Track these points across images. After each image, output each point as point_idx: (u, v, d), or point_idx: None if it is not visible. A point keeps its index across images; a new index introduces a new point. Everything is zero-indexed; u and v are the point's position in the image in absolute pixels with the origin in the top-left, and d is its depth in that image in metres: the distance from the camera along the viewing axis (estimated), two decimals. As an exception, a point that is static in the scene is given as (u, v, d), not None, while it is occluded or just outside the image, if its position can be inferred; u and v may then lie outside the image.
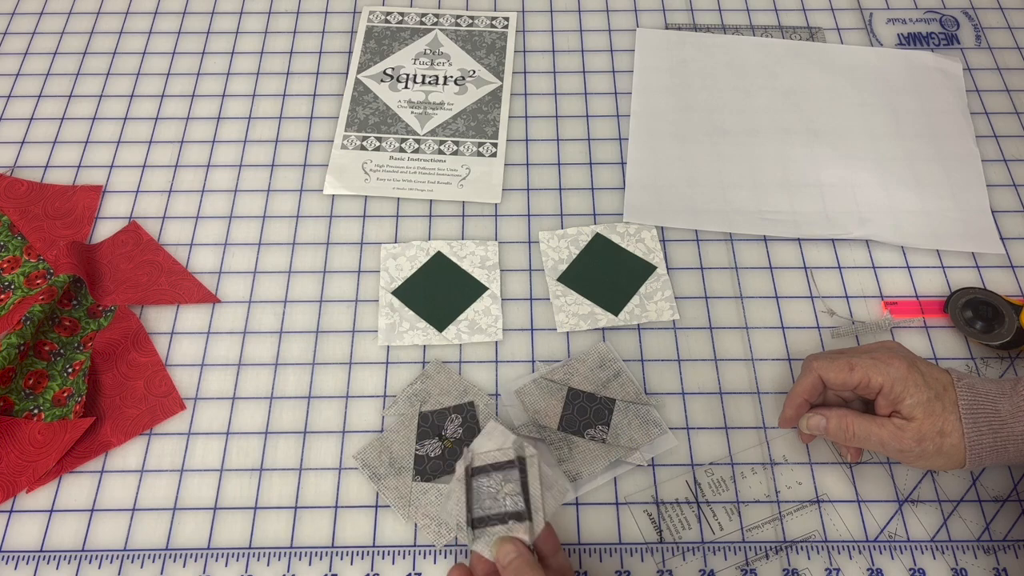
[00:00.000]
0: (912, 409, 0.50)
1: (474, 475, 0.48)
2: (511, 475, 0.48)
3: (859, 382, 0.52)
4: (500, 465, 0.48)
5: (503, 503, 0.47)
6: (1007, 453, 0.49)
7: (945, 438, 0.49)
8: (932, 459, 0.50)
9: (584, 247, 0.66)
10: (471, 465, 0.48)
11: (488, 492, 0.47)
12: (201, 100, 0.75)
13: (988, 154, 0.71)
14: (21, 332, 0.59)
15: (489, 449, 0.49)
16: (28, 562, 0.54)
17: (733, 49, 0.77)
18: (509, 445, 0.49)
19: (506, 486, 0.47)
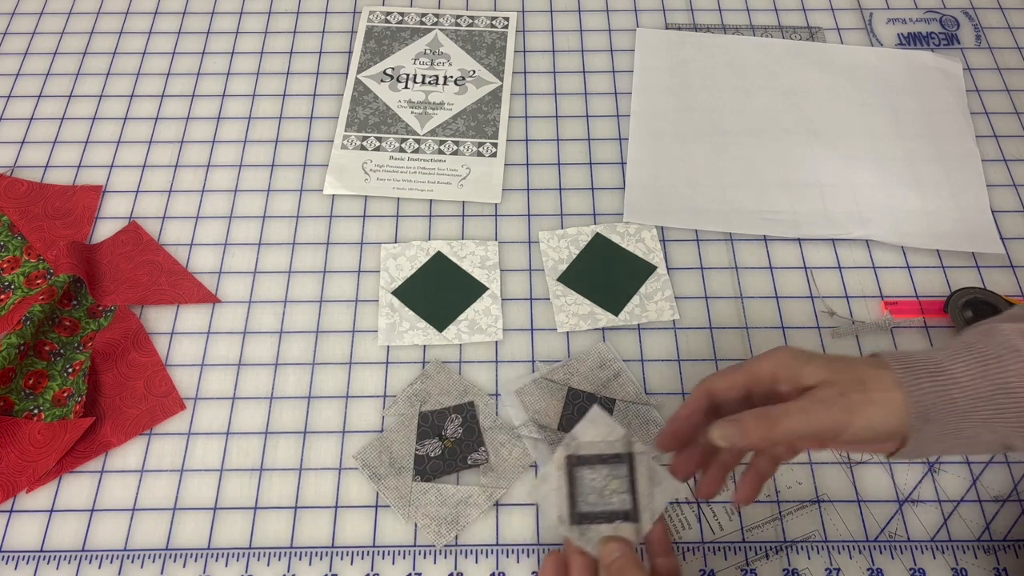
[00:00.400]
0: (816, 372, 0.43)
1: (577, 465, 0.45)
2: (618, 471, 0.45)
3: (747, 377, 0.45)
4: (606, 458, 0.45)
5: (610, 500, 0.44)
6: (955, 405, 0.42)
7: (867, 384, 0.42)
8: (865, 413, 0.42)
9: (584, 247, 0.66)
10: (575, 454, 0.45)
11: (593, 487, 0.45)
12: (201, 100, 0.75)
13: (988, 154, 0.71)
14: (21, 332, 0.59)
15: (594, 439, 0.46)
16: (28, 562, 0.54)
17: (733, 49, 0.77)
18: (616, 437, 0.46)
19: (613, 483, 0.45)
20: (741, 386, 0.45)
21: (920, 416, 0.42)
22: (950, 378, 0.42)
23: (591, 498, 0.44)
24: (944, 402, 0.42)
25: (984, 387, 0.42)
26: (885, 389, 0.42)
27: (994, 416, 0.42)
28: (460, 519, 0.55)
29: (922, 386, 0.42)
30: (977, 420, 0.42)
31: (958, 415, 0.42)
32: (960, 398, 0.42)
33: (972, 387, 0.42)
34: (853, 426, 0.42)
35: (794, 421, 0.42)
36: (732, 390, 0.45)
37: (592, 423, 0.46)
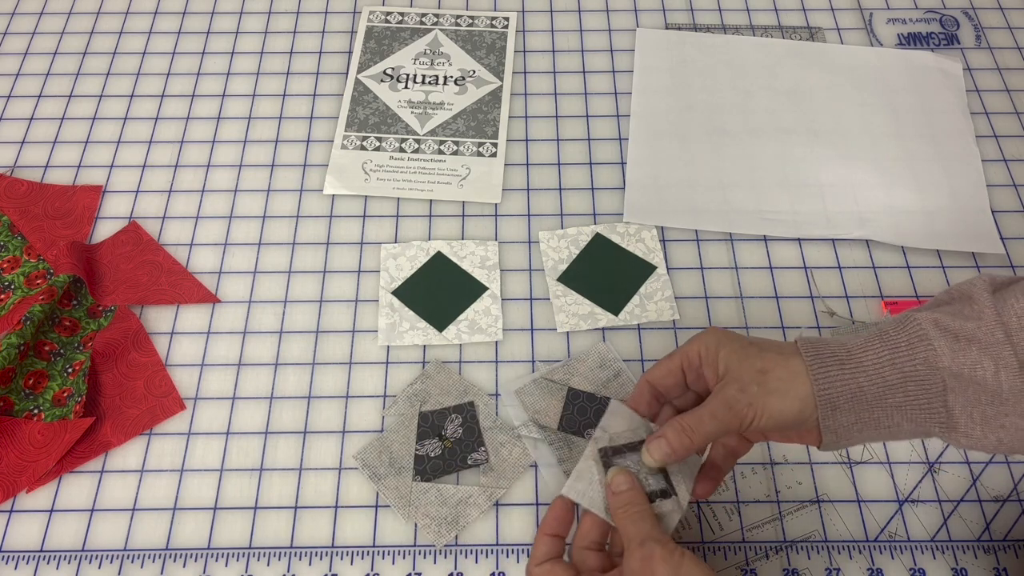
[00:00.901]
0: (726, 358, 0.44)
1: (612, 456, 0.46)
2: None
3: (680, 360, 0.47)
4: (635, 445, 0.47)
5: (647, 482, 0.46)
6: (863, 393, 0.42)
7: (768, 375, 0.43)
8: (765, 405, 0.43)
9: (584, 247, 0.66)
10: (608, 446, 0.47)
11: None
12: (201, 100, 0.75)
13: (988, 154, 0.71)
14: (21, 332, 0.59)
15: (622, 430, 0.48)
16: (28, 562, 0.54)
17: (733, 49, 0.77)
18: (637, 425, 0.48)
19: (644, 467, 0.46)
20: (677, 370, 0.47)
21: (828, 404, 0.43)
22: (858, 366, 0.43)
23: None
24: (852, 390, 0.43)
25: (892, 375, 0.42)
26: (786, 378, 0.43)
27: (905, 404, 0.42)
28: (460, 519, 0.55)
29: (829, 374, 0.43)
30: (890, 408, 0.43)
31: (868, 403, 0.43)
32: (868, 386, 0.43)
33: (880, 375, 0.43)
34: (757, 419, 0.43)
35: (707, 427, 0.44)
36: (669, 376, 0.48)
37: (615, 415, 0.48)
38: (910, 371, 0.42)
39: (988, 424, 0.41)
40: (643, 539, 0.42)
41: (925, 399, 0.42)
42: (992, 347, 0.41)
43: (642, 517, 0.43)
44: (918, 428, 0.43)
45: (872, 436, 0.44)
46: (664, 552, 0.41)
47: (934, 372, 0.42)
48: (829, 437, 0.44)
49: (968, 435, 0.42)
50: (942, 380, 0.42)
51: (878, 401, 0.43)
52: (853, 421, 0.43)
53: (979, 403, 0.41)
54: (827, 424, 0.43)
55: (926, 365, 0.42)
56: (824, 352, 0.44)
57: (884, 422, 0.43)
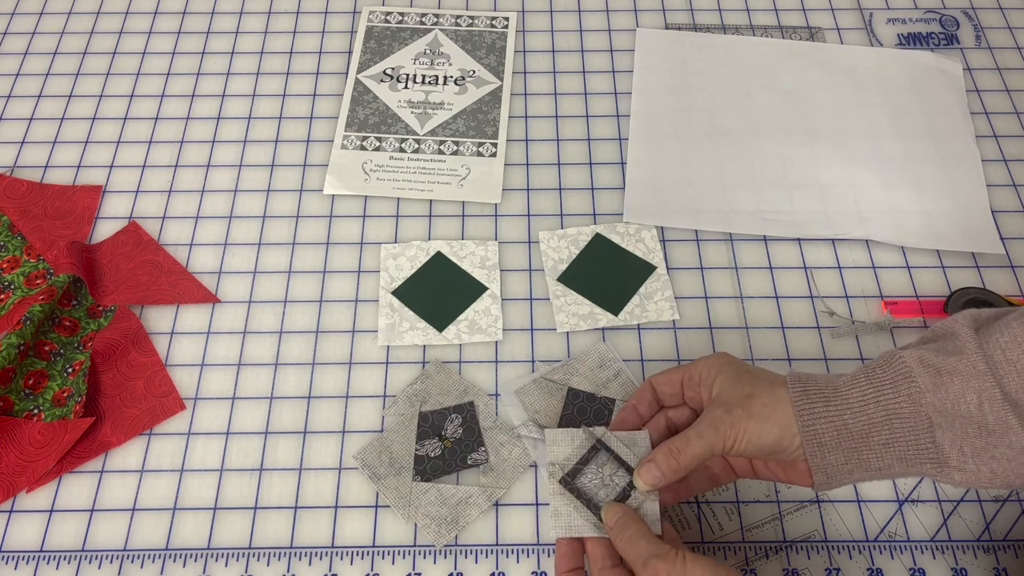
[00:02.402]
0: (721, 384, 0.47)
1: (573, 480, 0.49)
2: (601, 459, 0.50)
3: (682, 376, 0.49)
4: (586, 459, 0.50)
5: (615, 482, 0.49)
6: (848, 431, 0.43)
7: (753, 400, 0.45)
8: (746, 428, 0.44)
9: (584, 247, 0.66)
10: (564, 475, 0.50)
11: (596, 485, 0.49)
12: (201, 100, 0.75)
13: (988, 154, 0.71)
14: (21, 332, 0.59)
15: (568, 454, 0.50)
16: (28, 562, 0.54)
17: (733, 49, 0.77)
18: (581, 439, 0.51)
19: (606, 468, 0.50)
20: (677, 383, 0.50)
21: (815, 441, 0.44)
22: (843, 403, 0.44)
23: (601, 493, 0.49)
24: (837, 427, 0.44)
25: (877, 412, 0.43)
26: (769, 405, 0.45)
27: (892, 442, 0.43)
28: (460, 519, 0.55)
29: (814, 408, 0.44)
30: (878, 447, 0.43)
31: (854, 441, 0.43)
32: (852, 423, 0.43)
33: (864, 413, 0.43)
34: (738, 442, 0.45)
35: (694, 447, 0.46)
36: (670, 385, 0.50)
37: (555, 444, 0.51)
38: (894, 408, 0.43)
39: (980, 456, 0.42)
40: (645, 560, 0.43)
41: (912, 436, 0.43)
42: (974, 379, 0.41)
43: (637, 539, 0.44)
44: (910, 468, 0.43)
45: (864, 477, 0.45)
46: (666, 565, 0.42)
47: (919, 409, 0.42)
48: (820, 477, 0.45)
49: (962, 469, 0.42)
50: (927, 417, 0.42)
51: (864, 440, 0.43)
52: (843, 461, 0.44)
53: (968, 436, 0.42)
54: (816, 463, 0.44)
55: (910, 402, 0.42)
56: (811, 388, 0.45)
57: (874, 463, 0.44)
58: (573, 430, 0.51)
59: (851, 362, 0.61)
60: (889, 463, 0.43)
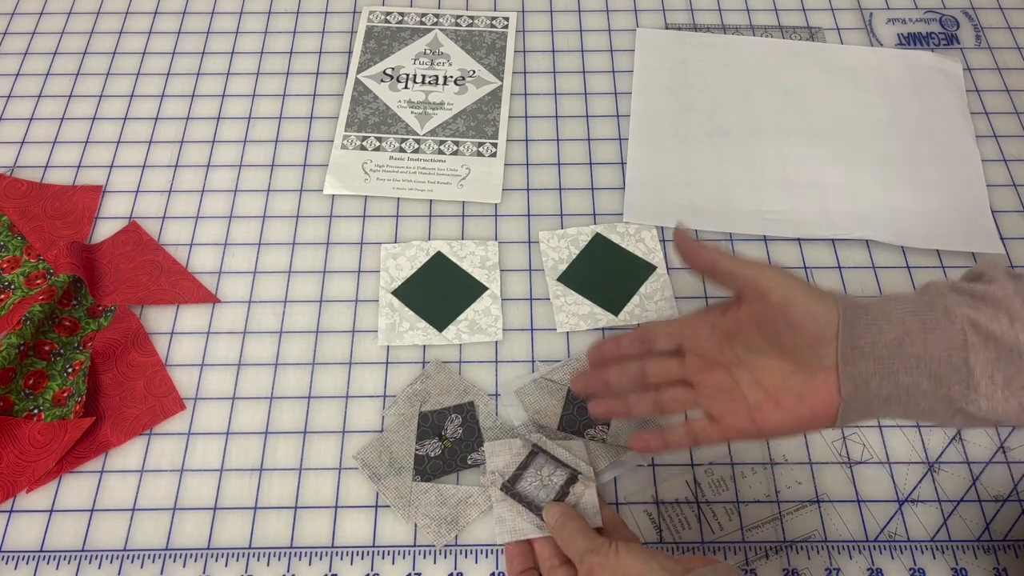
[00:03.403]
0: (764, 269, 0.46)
1: (513, 486, 0.52)
2: (539, 462, 0.53)
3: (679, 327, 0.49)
4: (524, 464, 0.53)
5: (553, 482, 0.52)
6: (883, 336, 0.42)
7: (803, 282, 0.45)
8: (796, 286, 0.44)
9: (584, 247, 0.66)
10: (504, 482, 0.52)
11: (536, 487, 0.52)
12: (201, 100, 0.75)
13: (988, 154, 0.71)
14: (21, 332, 0.59)
15: (506, 462, 0.53)
16: (28, 562, 0.54)
17: (733, 49, 0.77)
18: (519, 447, 0.54)
19: (544, 470, 0.53)
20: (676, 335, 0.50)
21: (850, 342, 0.43)
22: (881, 312, 0.43)
23: (541, 494, 0.51)
24: (873, 332, 0.43)
25: (914, 324, 0.43)
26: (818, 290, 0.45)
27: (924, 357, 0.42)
28: (460, 519, 0.55)
29: (856, 313, 0.43)
30: (909, 360, 0.42)
31: (887, 349, 0.43)
32: (888, 330, 0.43)
33: (902, 323, 0.43)
34: (781, 285, 0.44)
35: (735, 258, 0.46)
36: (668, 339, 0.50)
37: (494, 455, 0.54)
38: (931, 323, 0.42)
39: (1010, 386, 0.41)
40: (581, 556, 0.45)
41: (946, 353, 0.42)
42: (1005, 302, 0.42)
43: (575, 535, 0.46)
44: (939, 389, 0.42)
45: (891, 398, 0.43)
46: (600, 560, 0.44)
47: (953, 323, 0.42)
48: (848, 386, 0.43)
49: (990, 398, 0.42)
50: (962, 333, 0.42)
51: (897, 350, 0.42)
52: (872, 372, 0.43)
53: (999, 361, 0.41)
54: (847, 370, 0.43)
55: (946, 316, 0.42)
56: (851, 298, 0.44)
57: (903, 378, 0.43)
58: (510, 440, 0.55)
59: (851, 362, 0.61)
60: (918, 380, 0.42)
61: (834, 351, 0.43)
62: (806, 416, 0.44)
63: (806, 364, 0.44)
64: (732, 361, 0.47)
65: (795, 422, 0.45)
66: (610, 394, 0.51)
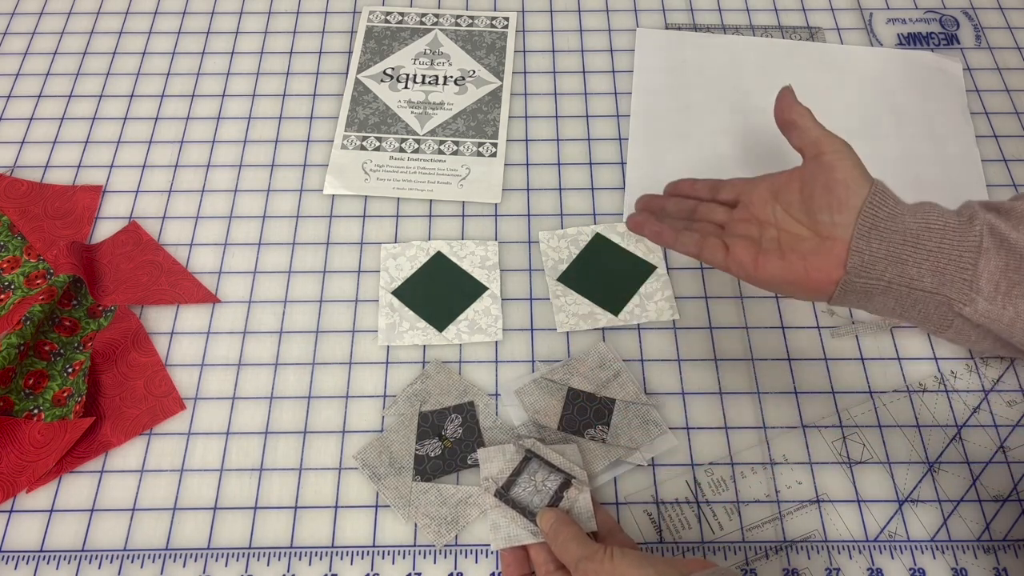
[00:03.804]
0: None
1: (507, 492, 0.52)
2: (533, 467, 0.53)
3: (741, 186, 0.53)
4: (517, 470, 0.53)
5: (547, 487, 0.52)
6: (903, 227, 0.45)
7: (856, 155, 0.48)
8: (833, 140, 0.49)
9: (584, 247, 0.66)
10: (497, 488, 0.52)
11: (530, 492, 0.52)
12: (201, 100, 0.75)
13: (988, 154, 0.71)
14: (21, 332, 0.59)
15: (500, 468, 0.53)
16: (28, 562, 0.54)
17: (733, 49, 0.77)
18: (512, 453, 0.54)
19: (537, 475, 0.52)
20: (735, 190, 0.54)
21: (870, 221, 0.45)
22: (909, 206, 0.46)
23: (535, 499, 0.51)
24: (895, 219, 0.45)
25: (936, 221, 0.45)
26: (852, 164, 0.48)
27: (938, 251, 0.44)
28: (460, 519, 0.55)
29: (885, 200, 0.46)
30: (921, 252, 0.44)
31: (904, 236, 0.44)
32: (910, 220, 0.45)
33: (925, 219, 0.45)
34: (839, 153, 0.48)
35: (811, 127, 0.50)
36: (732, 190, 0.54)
37: (488, 461, 0.54)
38: (954, 223, 0.44)
39: (1009, 295, 0.43)
40: (576, 562, 0.45)
41: (957, 252, 0.44)
42: None
43: (569, 542, 0.46)
44: (939, 286, 0.44)
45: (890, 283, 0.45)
46: (595, 567, 0.44)
47: (972, 227, 0.44)
48: (855, 259, 0.45)
49: (990, 300, 0.43)
50: (980, 235, 0.43)
51: (914, 240, 0.44)
52: (883, 253, 0.44)
53: (1007, 270, 0.43)
54: (858, 245, 0.45)
55: (969, 220, 0.44)
56: (889, 190, 0.47)
57: (910, 268, 0.44)
58: (504, 446, 0.54)
59: (851, 362, 0.61)
60: (922, 273, 0.44)
61: (852, 223, 0.45)
62: (801, 274, 0.47)
63: (824, 230, 0.46)
64: (767, 219, 0.50)
65: (790, 276, 0.47)
66: (657, 217, 0.56)
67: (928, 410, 0.59)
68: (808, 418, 0.59)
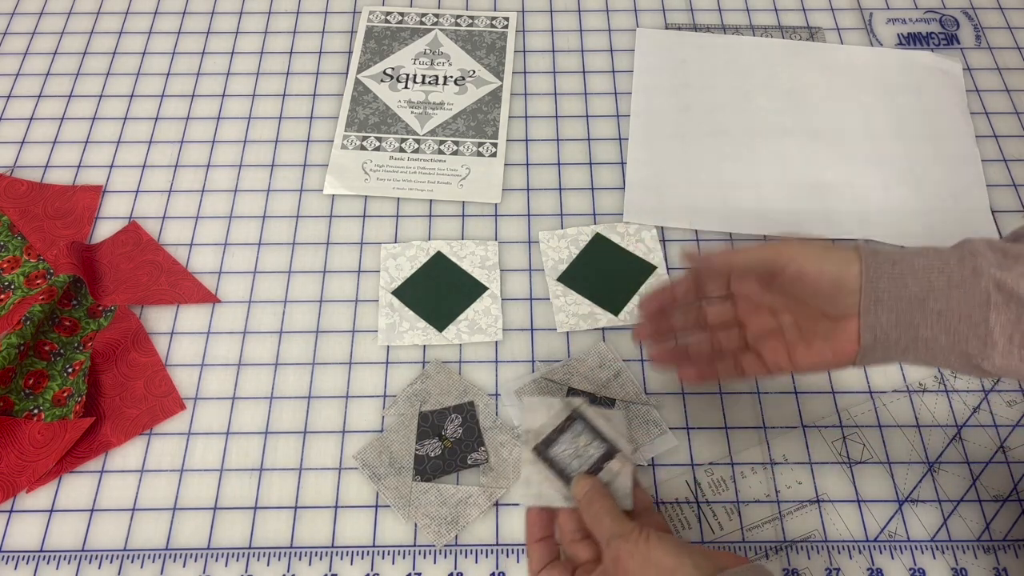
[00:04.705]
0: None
1: (546, 449, 0.48)
2: (577, 428, 0.49)
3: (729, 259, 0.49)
4: (561, 428, 0.49)
5: (589, 453, 0.48)
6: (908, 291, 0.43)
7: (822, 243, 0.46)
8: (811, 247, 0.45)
9: (584, 247, 0.66)
10: (537, 443, 0.49)
11: (569, 455, 0.48)
12: (201, 100, 0.75)
13: (988, 154, 0.71)
14: (21, 332, 0.59)
15: (543, 422, 0.49)
16: (28, 562, 0.54)
17: (733, 49, 0.77)
18: (558, 408, 0.50)
19: (581, 438, 0.48)
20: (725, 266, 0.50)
21: (872, 295, 0.44)
22: (907, 265, 0.44)
23: (574, 463, 0.48)
24: (898, 286, 0.43)
25: (939, 280, 0.43)
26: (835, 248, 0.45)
27: (945, 312, 0.43)
28: (460, 519, 0.55)
29: (880, 267, 0.44)
30: (931, 315, 0.43)
31: (910, 303, 0.43)
32: (913, 285, 0.43)
33: (927, 279, 0.43)
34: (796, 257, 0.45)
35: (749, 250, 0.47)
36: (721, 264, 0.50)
37: (532, 411, 0.50)
38: (957, 279, 0.43)
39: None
40: (608, 539, 0.43)
41: (967, 310, 0.42)
42: None
43: (603, 516, 0.44)
44: (956, 345, 0.43)
45: (908, 348, 0.44)
46: (628, 546, 0.41)
47: (979, 281, 0.42)
48: (867, 336, 0.44)
49: (1006, 355, 0.42)
50: (987, 292, 0.42)
51: (920, 305, 0.43)
52: (893, 324, 0.44)
53: (1020, 323, 0.42)
54: (868, 321, 0.44)
55: (973, 274, 0.43)
56: (879, 249, 0.45)
57: (923, 332, 0.43)
58: (551, 398, 0.51)
59: (851, 362, 0.61)
60: (937, 335, 0.43)
61: (857, 302, 0.44)
62: (830, 357, 0.47)
63: (832, 311, 0.46)
64: (774, 305, 0.49)
65: (823, 362, 0.47)
66: (671, 338, 0.53)
67: (928, 410, 0.59)
68: (808, 418, 0.59)
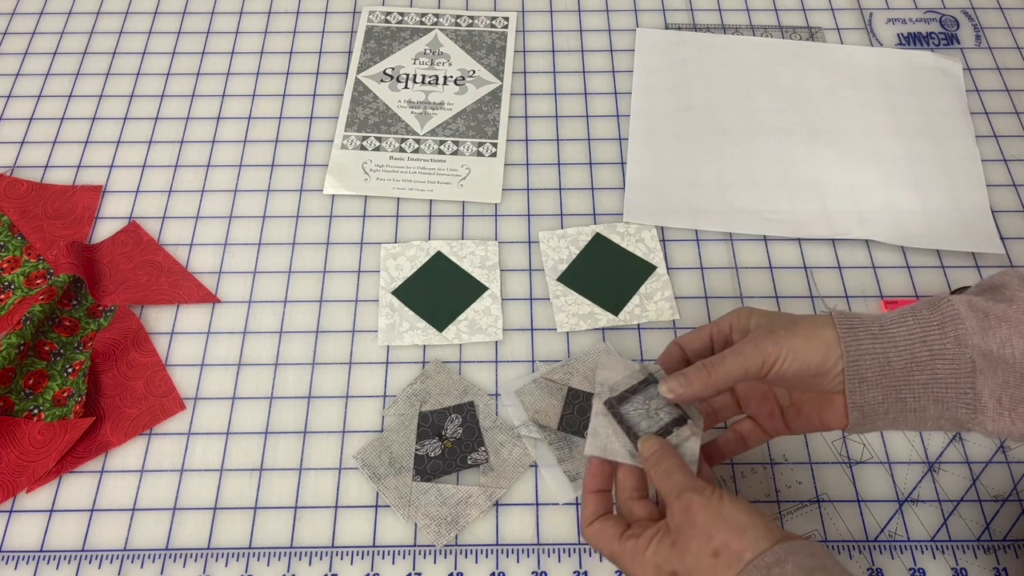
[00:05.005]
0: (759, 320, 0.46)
1: (619, 404, 0.48)
2: (651, 392, 0.48)
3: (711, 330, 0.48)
4: (636, 388, 0.49)
5: (660, 417, 0.47)
6: (891, 367, 0.43)
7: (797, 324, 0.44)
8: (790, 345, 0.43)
9: (584, 247, 0.66)
10: (611, 397, 0.48)
11: (640, 414, 0.48)
12: (201, 100, 0.75)
13: (988, 154, 0.71)
14: (21, 332, 0.59)
15: (620, 378, 0.49)
16: (28, 562, 0.54)
17: (733, 49, 0.77)
18: (633, 370, 0.49)
19: (653, 401, 0.48)
20: (706, 338, 0.48)
21: (856, 376, 0.43)
22: (890, 340, 0.43)
23: (643, 424, 0.47)
24: (881, 363, 0.43)
25: (922, 352, 0.42)
26: (814, 327, 0.44)
27: (932, 383, 0.42)
28: (460, 519, 0.55)
29: (861, 344, 0.43)
30: (917, 387, 0.43)
31: (896, 379, 0.43)
32: (896, 360, 0.43)
33: (909, 351, 0.43)
34: (781, 360, 0.43)
35: (729, 363, 0.44)
36: (699, 340, 0.49)
37: (609, 367, 0.50)
38: (939, 349, 0.42)
39: (1016, 410, 0.41)
40: (679, 491, 0.42)
41: (953, 379, 0.42)
42: (1022, 326, 0.41)
43: (673, 471, 0.43)
44: (944, 412, 0.43)
45: (898, 419, 0.44)
46: (701, 499, 0.41)
47: (963, 351, 0.42)
48: (856, 415, 0.44)
49: (996, 420, 0.42)
50: (971, 360, 0.41)
51: (905, 378, 0.43)
52: (880, 400, 0.43)
53: (1008, 386, 0.41)
54: (854, 400, 0.43)
55: (956, 343, 0.42)
56: (857, 324, 0.44)
57: (911, 404, 0.43)
58: (627, 361, 0.50)
59: (851, 362, 0.61)
60: (925, 404, 0.43)
61: (842, 380, 0.43)
62: (819, 424, 0.47)
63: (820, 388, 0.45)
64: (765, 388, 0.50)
65: (814, 428, 0.48)
66: None
67: (928, 410, 0.59)
68: (808, 418, 0.59)
